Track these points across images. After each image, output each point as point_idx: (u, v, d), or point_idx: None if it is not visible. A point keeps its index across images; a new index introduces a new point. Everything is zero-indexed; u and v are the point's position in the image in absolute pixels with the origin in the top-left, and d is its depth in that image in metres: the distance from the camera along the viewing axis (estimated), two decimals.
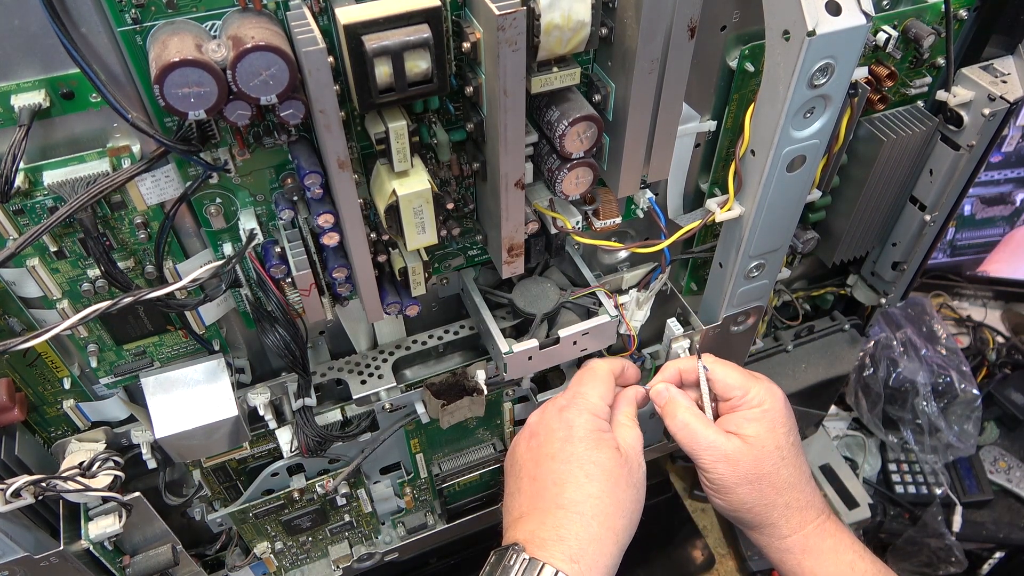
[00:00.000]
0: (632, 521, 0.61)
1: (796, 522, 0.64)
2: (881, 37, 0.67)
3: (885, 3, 0.68)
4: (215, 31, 0.46)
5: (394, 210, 0.53)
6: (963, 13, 0.71)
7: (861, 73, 0.67)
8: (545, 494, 0.60)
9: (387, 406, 0.72)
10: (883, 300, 0.91)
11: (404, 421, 0.76)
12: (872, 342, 1.32)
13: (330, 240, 0.54)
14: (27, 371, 0.61)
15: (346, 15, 0.45)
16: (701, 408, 0.67)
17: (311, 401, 0.69)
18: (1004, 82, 0.71)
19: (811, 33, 0.52)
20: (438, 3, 0.46)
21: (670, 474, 1.23)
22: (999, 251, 1.50)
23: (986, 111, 0.70)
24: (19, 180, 0.48)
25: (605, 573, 0.57)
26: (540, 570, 0.54)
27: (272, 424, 0.70)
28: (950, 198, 0.79)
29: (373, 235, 0.58)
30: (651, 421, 0.79)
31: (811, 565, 0.64)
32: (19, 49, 0.45)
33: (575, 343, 0.69)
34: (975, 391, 1.30)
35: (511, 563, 0.55)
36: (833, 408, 1.36)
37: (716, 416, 0.67)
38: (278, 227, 0.58)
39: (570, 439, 0.61)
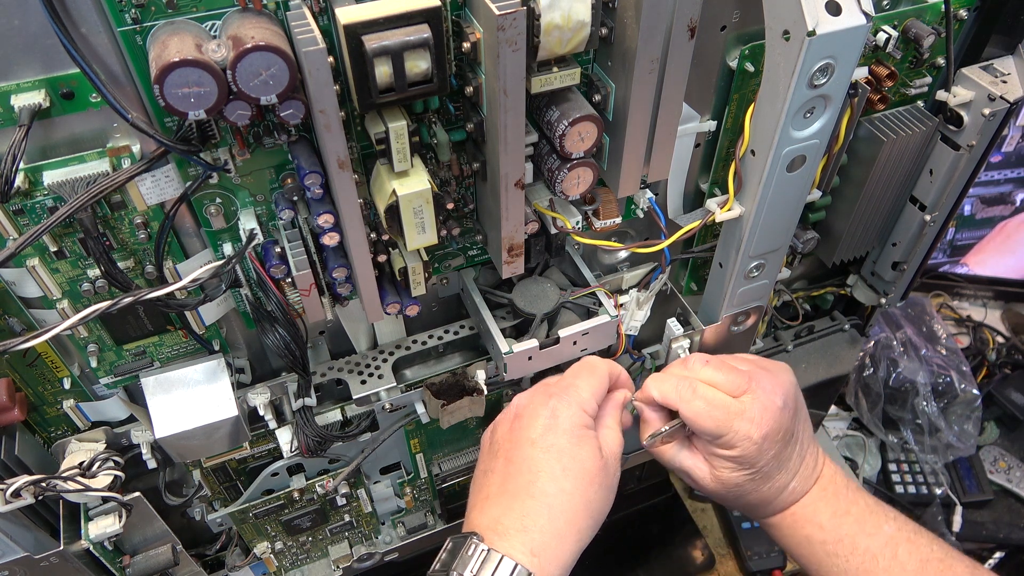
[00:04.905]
0: (597, 524, 0.60)
1: (770, 511, 0.69)
2: (881, 37, 0.67)
3: (885, 3, 0.68)
4: (215, 31, 0.46)
5: (394, 210, 0.53)
6: (963, 13, 0.71)
7: (861, 73, 0.67)
8: (518, 478, 0.58)
9: (387, 406, 0.72)
10: (883, 300, 0.91)
11: (404, 421, 0.76)
12: (872, 342, 1.32)
13: (330, 240, 0.54)
14: (27, 371, 0.61)
15: (346, 15, 0.45)
16: (677, 430, 0.67)
17: (311, 401, 0.69)
18: (1004, 82, 0.71)
19: (811, 33, 0.52)
20: (438, 3, 0.46)
21: (670, 474, 1.23)
22: (983, 247, 1.50)
23: (986, 111, 0.70)
24: (19, 180, 0.48)
25: (562, 571, 0.56)
26: (499, 563, 0.53)
27: (272, 424, 0.70)
28: (950, 198, 0.78)
29: (373, 235, 0.58)
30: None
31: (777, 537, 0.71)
32: (19, 49, 0.45)
33: (575, 343, 0.69)
34: (975, 391, 1.30)
35: (469, 553, 0.54)
36: (833, 408, 1.37)
37: None
38: (278, 227, 0.58)
39: (553, 428, 0.60)
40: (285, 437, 0.70)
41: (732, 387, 0.65)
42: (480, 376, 0.74)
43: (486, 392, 0.74)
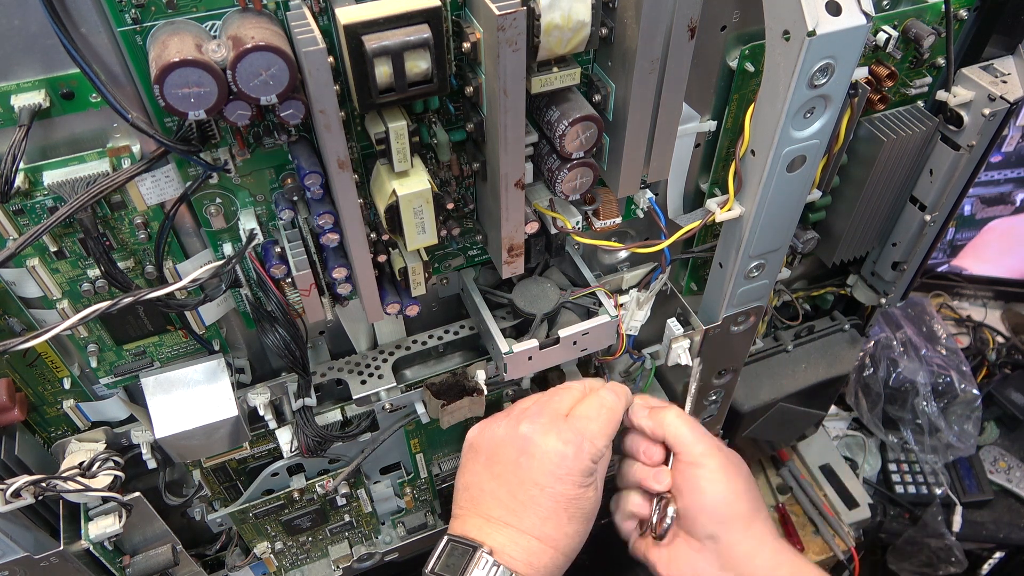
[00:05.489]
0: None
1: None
2: (881, 37, 0.67)
3: (885, 3, 0.68)
4: (215, 31, 0.46)
5: (394, 210, 0.53)
6: (963, 13, 0.71)
7: (861, 73, 0.67)
8: (523, 519, 0.60)
9: (387, 406, 0.72)
10: (883, 300, 0.91)
11: (404, 421, 0.76)
12: (872, 342, 1.32)
13: (330, 240, 0.54)
14: (27, 371, 0.61)
15: (346, 15, 0.45)
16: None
17: (311, 401, 0.69)
18: (1004, 82, 0.71)
19: (811, 33, 0.52)
20: (438, 3, 0.46)
21: None
22: (975, 248, 1.50)
23: (986, 111, 0.70)
24: (19, 180, 0.48)
25: None
26: None
27: (272, 424, 0.70)
28: (950, 198, 0.79)
29: (373, 235, 0.58)
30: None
31: None
32: (19, 49, 0.45)
33: (575, 343, 0.69)
34: (975, 391, 1.30)
35: (480, 566, 0.57)
36: (833, 408, 1.36)
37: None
38: (278, 227, 0.58)
39: (563, 480, 0.61)
40: (285, 437, 0.70)
41: None
42: (480, 376, 0.74)
43: (486, 392, 0.74)
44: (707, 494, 0.65)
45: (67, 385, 0.63)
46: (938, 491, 1.30)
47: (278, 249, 0.56)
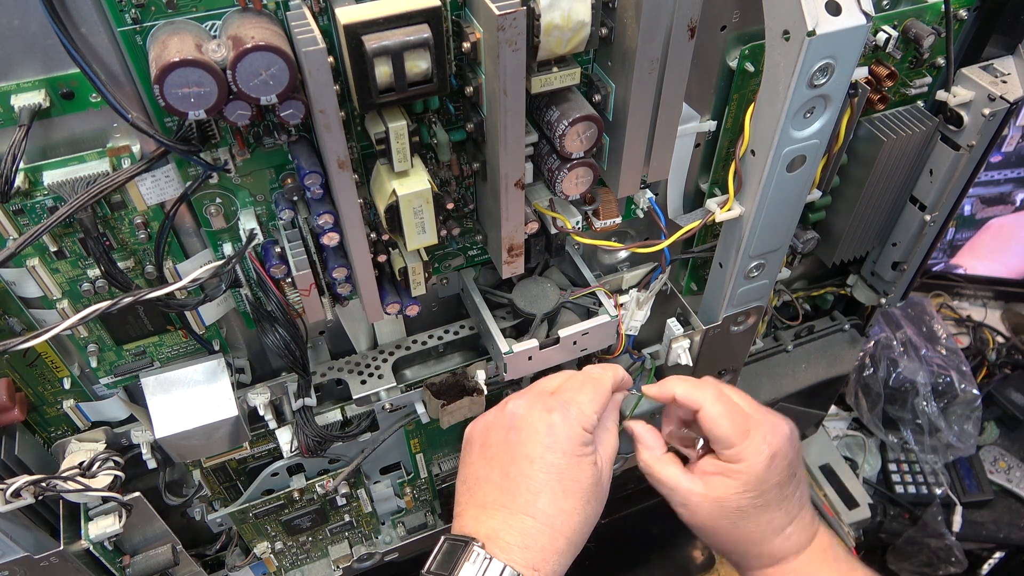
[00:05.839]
0: (590, 531, 0.61)
1: (765, 559, 0.65)
2: (881, 37, 0.67)
3: (885, 3, 0.68)
4: (215, 31, 0.46)
5: (394, 210, 0.53)
6: (963, 13, 0.71)
7: (861, 73, 0.67)
8: (516, 497, 0.58)
9: (387, 406, 0.72)
10: (883, 300, 0.91)
11: (404, 421, 0.76)
12: (872, 342, 1.32)
13: (330, 240, 0.54)
14: (27, 371, 0.61)
15: (346, 15, 0.45)
16: (687, 441, 0.65)
17: (311, 401, 0.69)
18: (1004, 82, 0.71)
19: (811, 33, 0.52)
20: (438, 3, 0.46)
21: None
22: (973, 246, 1.50)
23: (986, 111, 0.70)
24: (19, 180, 0.48)
25: None
26: (501, 572, 0.54)
27: (272, 424, 0.70)
28: (950, 198, 0.79)
29: (373, 235, 0.58)
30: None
31: None
32: (19, 49, 0.45)
33: (575, 343, 0.69)
34: (975, 391, 1.30)
35: (471, 560, 0.54)
36: (833, 408, 1.37)
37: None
38: (278, 227, 0.58)
39: (552, 448, 0.59)
40: (285, 437, 0.70)
41: (746, 406, 0.65)
42: (480, 376, 0.74)
43: (486, 392, 0.74)
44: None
45: (67, 385, 0.63)
46: (938, 491, 1.31)
47: (278, 249, 0.56)
